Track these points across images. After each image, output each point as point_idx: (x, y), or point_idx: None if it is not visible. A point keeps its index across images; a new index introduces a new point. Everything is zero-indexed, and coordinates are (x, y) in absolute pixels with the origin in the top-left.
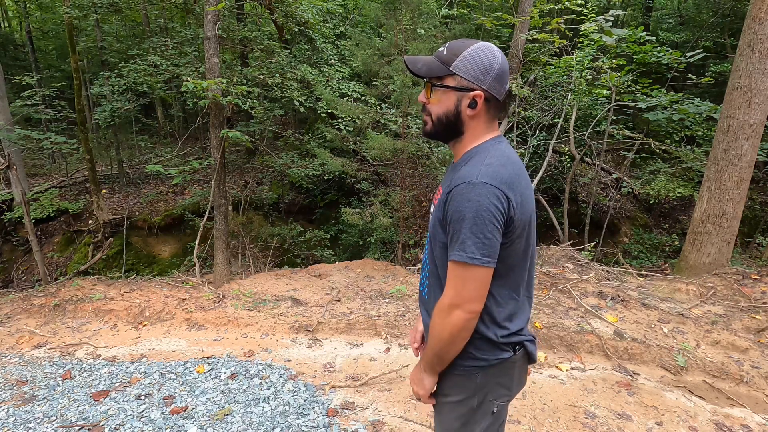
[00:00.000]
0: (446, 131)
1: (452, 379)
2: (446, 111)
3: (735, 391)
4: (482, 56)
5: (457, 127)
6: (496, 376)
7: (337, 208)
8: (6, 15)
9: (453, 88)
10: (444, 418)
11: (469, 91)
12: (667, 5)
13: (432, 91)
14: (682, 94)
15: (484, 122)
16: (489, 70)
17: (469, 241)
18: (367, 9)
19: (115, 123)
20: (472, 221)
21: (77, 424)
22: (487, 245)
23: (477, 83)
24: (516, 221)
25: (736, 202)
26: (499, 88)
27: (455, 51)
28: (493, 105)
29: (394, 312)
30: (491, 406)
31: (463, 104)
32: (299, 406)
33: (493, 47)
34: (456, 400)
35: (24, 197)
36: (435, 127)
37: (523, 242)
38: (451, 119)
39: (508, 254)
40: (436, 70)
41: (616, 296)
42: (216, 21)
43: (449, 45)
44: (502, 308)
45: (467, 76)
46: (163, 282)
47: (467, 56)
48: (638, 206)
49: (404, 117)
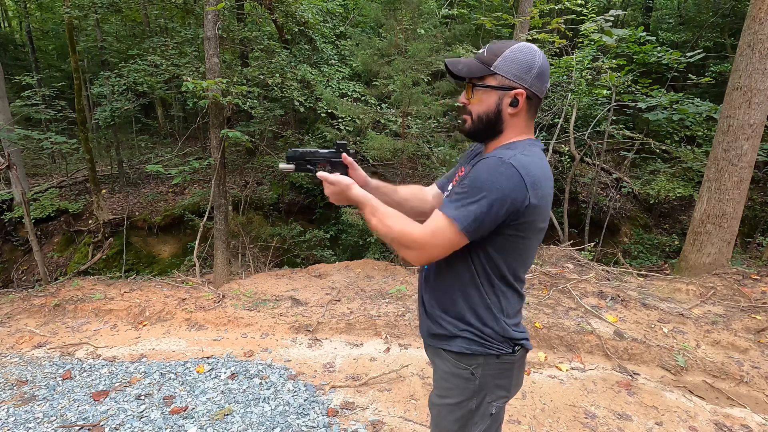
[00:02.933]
0: (486, 129)
1: (451, 380)
2: (487, 110)
3: (735, 391)
4: (523, 55)
5: (497, 125)
6: (495, 378)
7: (337, 208)
8: (6, 15)
9: (494, 88)
10: (442, 421)
11: (511, 90)
12: (667, 5)
13: (473, 92)
14: (682, 94)
15: (524, 120)
16: (530, 69)
17: (468, 208)
18: (367, 9)
19: (115, 123)
20: (480, 193)
21: (77, 424)
22: (478, 222)
23: (519, 82)
24: (530, 219)
25: (736, 202)
26: (541, 86)
27: (496, 52)
28: (534, 103)
29: (394, 312)
30: (490, 407)
31: (505, 103)
32: (299, 406)
33: (533, 47)
34: (454, 402)
35: (24, 197)
36: (475, 126)
37: (537, 243)
38: (491, 117)
39: (528, 253)
40: (477, 71)
41: (616, 296)
42: (216, 21)
43: (489, 46)
44: (511, 304)
45: (509, 75)
46: (163, 282)
47: (508, 56)
48: (638, 206)
49: (404, 117)
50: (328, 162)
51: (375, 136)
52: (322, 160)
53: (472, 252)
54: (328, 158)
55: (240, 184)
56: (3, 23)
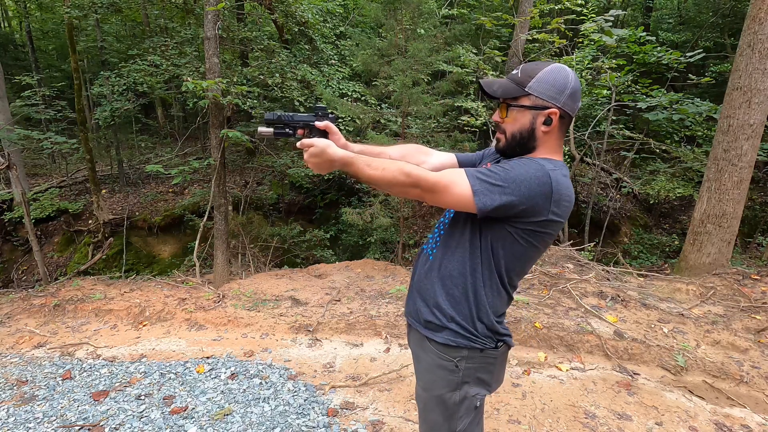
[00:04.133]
0: (519, 147)
1: (435, 372)
2: (521, 128)
3: (735, 391)
4: (557, 77)
5: (530, 143)
6: (478, 371)
7: (337, 208)
8: (6, 15)
9: (528, 108)
10: (429, 414)
11: (544, 109)
12: (667, 5)
13: (508, 111)
14: (682, 94)
15: (555, 139)
16: (564, 89)
17: (492, 187)
18: (367, 9)
19: (115, 123)
20: (510, 183)
21: (77, 424)
22: (494, 201)
23: (552, 101)
24: (543, 231)
25: (736, 202)
26: (573, 106)
27: (530, 73)
28: (566, 122)
29: (394, 312)
30: (474, 401)
31: (538, 122)
32: (299, 406)
33: (566, 68)
34: (438, 394)
35: (24, 197)
36: (509, 143)
37: (539, 255)
38: (525, 136)
39: (529, 263)
40: (512, 92)
41: (616, 296)
42: (216, 21)
43: (523, 68)
44: (502, 304)
45: (543, 96)
46: (163, 282)
47: (542, 77)
48: (638, 206)
49: (404, 117)
50: (307, 126)
51: (375, 136)
52: (301, 124)
53: (482, 248)
54: (307, 121)
55: (240, 184)
56: (3, 23)
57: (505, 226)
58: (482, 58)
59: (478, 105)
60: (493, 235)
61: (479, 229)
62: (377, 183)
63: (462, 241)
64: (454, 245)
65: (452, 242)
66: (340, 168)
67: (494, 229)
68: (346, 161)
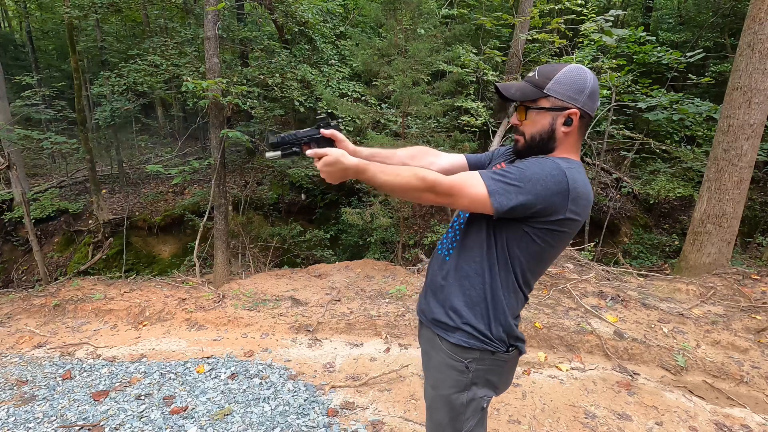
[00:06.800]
0: (539, 149)
1: (444, 371)
2: (541, 130)
3: (735, 391)
4: (575, 77)
5: (550, 144)
6: (487, 373)
7: (337, 208)
8: (6, 15)
9: (547, 109)
10: (435, 413)
11: (564, 110)
12: (667, 5)
13: (527, 113)
14: (682, 94)
15: (574, 139)
16: (583, 89)
17: (508, 187)
18: (367, 9)
19: (115, 123)
20: (526, 182)
21: (77, 424)
22: (510, 200)
23: (572, 102)
24: (561, 230)
25: (736, 202)
26: (592, 105)
27: (547, 75)
28: (585, 122)
29: (394, 312)
30: (481, 402)
31: (558, 122)
32: (299, 406)
33: (583, 68)
34: (445, 394)
35: (24, 197)
36: (528, 145)
37: (556, 256)
38: (544, 137)
39: (546, 263)
40: (530, 94)
41: (616, 296)
42: (216, 21)
43: (539, 70)
44: (519, 305)
45: (562, 97)
46: (163, 282)
47: (561, 78)
48: (638, 206)
49: (404, 117)
50: (311, 140)
51: (375, 136)
52: (306, 140)
53: (499, 248)
54: (310, 136)
55: (240, 184)
56: (3, 23)
57: (522, 225)
58: (482, 58)
59: (478, 105)
60: (510, 235)
61: (496, 229)
62: (392, 189)
63: (478, 241)
64: (470, 246)
65: (469, 243)
66: (353, 176)
67: (511, 229)
68: (359, 169)
